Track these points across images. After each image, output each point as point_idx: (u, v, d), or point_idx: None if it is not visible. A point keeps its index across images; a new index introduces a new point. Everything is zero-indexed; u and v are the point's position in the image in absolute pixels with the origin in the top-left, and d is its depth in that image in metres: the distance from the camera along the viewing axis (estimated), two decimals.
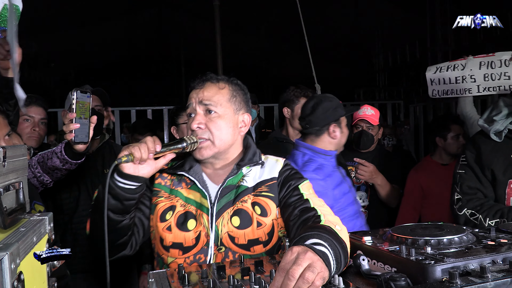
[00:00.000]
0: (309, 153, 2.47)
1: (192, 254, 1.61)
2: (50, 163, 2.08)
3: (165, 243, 1.64)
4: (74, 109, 1.78)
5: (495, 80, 3.65)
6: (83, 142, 1.87)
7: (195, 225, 1.63)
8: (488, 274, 1.03)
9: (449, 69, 3.92)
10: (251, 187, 1.68)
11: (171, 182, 1.72)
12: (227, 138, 1.67)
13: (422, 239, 1.32)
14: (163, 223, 1.65)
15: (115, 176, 1.49)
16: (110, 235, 1.45)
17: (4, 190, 1.01)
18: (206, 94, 1.66)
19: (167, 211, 1.66)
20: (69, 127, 1.82)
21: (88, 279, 2.64)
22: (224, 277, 1.25)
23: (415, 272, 1.14)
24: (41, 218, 1.12)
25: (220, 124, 1.65)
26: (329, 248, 1.17)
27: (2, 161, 1.04)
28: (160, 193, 1.71)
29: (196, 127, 1.64)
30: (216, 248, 1.61)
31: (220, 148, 1.66)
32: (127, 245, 1.64)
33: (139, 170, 1.50)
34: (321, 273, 1.07)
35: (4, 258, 0.81)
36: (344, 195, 2.44)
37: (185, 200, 1.68)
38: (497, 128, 2.24)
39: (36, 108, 2.84)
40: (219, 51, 5.05)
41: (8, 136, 1.87)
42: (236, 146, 1.74)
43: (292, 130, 3.43)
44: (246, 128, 1.76)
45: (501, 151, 2.21)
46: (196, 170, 1.70)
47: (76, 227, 2.66)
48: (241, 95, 1.75)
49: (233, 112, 1.70)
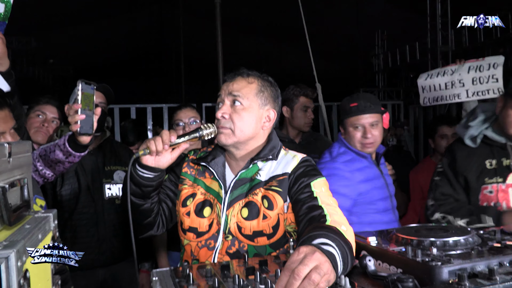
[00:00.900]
0: (344, 148, 2.55)
1: (204, 239, 1.73)
2: (53, 156, 2.07)
3: (184, 226, 1.78)
4: (79, 100, 1.78)
5: (483, 83, 3.56)
6: (87, 133, 1.88)
7: (210, 213, 1.75)
8: (497, 276, 1.03)
9: (439, 75, 3.82)
10: (263, 181, 1.74)
11: (196, 171, 1.86)
12: (248, 130, 1.73)
13: (427, 240, 1.31)
14: (184, 208, 1.79)
15: (136, 166, 1.66)
16: (134, 215, 1.67)
17: (9, 186, 1.00)
18: (236, 87, 1.75)
19: (188, 198, 1.80)
20: (75, 118, 1.82)
21: (87, 276, 2.63)
22: (229, 276, 1.24)
23: (421, 273, 1.13)
24: (46, 215, 1.11)
25: (243, 116, 1.72)
26: (336, 249, 1.16)
27: (8, 157, 1.03)
28: (185, 181, 1.85)
29: (220, 116, 1.73)
30: (224, 236, 1.70)
31: (240, 138, 1.73)
32: (153, 226, 1.82)
33: (156, 161, 1.65)
34: (327, 275, 1.06)
35: (11, 255, 0.80)
36: (375, 189, 2.47)
37: (206, 189, 1.80)
38: (471, 134, 2.25)
39: (51, 107, 2.88)
40: (220, 50, 5.03)
41: (13, 130, 1.86)
42: (257, 139, 1.79)
43: (292, 129, 3.42)
44: (270, 124, 1.81)
45: (476, 157, 2.23)
46: (217, 162, 1.81)
47: (75, 224, 2.65)
48: (270, 91, 1.81)
49: (259, 106, 1.76)
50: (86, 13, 11.31)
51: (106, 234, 2.67)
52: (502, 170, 2.19)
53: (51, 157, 2.08)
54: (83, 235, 2.62)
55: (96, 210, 2.66)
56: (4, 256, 0.80)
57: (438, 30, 9.13)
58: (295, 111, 3.35)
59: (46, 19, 10.19)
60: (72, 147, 1.99)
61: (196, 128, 1.69)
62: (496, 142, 2.21)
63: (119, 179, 2.77)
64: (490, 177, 2.19)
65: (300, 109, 3.34)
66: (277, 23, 11.96)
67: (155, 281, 1.29)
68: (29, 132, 2.70)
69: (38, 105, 2.85)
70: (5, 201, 0.97)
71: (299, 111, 3.34)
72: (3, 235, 0.93)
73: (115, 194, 2.74)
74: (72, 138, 1.97)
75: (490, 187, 2.18)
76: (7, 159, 1.03)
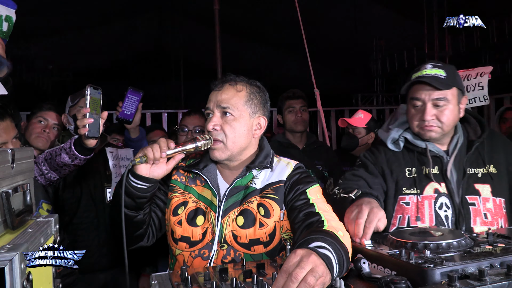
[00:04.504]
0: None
1: (198, 249, 1.69)
2: (59, 159, 2.12)
3: (175, 235, 1.73)
4: (88, 104, 1.83)
5: (470, 91, 3.64)
6: (94, 136, 1.92)
7: (203, 221, 1.71)
8: (487, 277, 1.05)
9: None
10: (258, 189, 1.73)
11: (187, 179, 1.82)
12: (240, 141, 1.73)
13: (421, 243, 1.34)
14: (175, 217, 1.75)
15: (129, 177, 1.61)
16: (126, 228, 1.57)
17: (12, 191, 1.03)
18: (224, 97, 1.72)
19: (180, 206, 1.76)
20: (83, 122, 1.87)
21: (87, 280, 2.65)
22: (227, 280, 1.27)
23: (414, 275, 1.16)
24: (48, 220, 1.14)
25: (234, 127, 1.71)
26: (332, 252, 1.19)
27: (11, 163, 1.06)
28: (175, 188, 1.81)
29: (211, 128, 1.71)
30: (219, 245, 1.67)
31: (233, 151, 1.72)
32: (143, 237, 1.77)
33: (151, 172, 1.61)
34: (322, 278, 1.09)
35: (15, 258, 0.83)
36: None
37: (197, 197, 1.77)
38: (392, 137, 2.09)
39: (52, 113, 2.89)
40: (219, 55, 5.06)
41: (15, 139, 1.90)
42: (250, 148, 1.79)
43: (289, 134, 3.48)
44: (260, 131, 1.81)
45: (396, 164, 2.05)
46: (210, 169, 1.79)
47: (76, 228, 2.67)
48: (259, 97, 1.79)
49: (249, 115, 1.75)
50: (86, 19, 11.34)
51: (107, 238, 2.69)
52: (421, 180, 1.99)
53: (57, 161, 2.13)
54: (84, 239, 2.65)
55: (97, 214, 2.69)
56: (8, 258, 0.83)
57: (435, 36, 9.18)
58: (284, 115, 3.44)
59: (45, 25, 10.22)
60: (78, 150, 2.04)
61: (193, 139, 1.67)
62: (417, 147, 2.04)
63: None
64: (407, 188, 1.99)
65: (288, 111, 3.43)
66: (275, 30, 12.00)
67: (154, 285, 1.31)
68: (30, 138, 2.73)
69: (40, 111, 2.87)
70: (8, 205, 1.00)
71: (286, 113, 3.45)
72: (6, 239, 0.96)
73: None
74: (78, 141, 2.01)
75: (407, 198, 1.98)
76: (10, 165, 1.06)
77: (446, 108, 1.93)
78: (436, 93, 1.92)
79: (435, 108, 1.93)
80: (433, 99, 1.92)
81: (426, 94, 1.93)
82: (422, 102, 1.95)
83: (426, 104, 1.94)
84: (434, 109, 1.93)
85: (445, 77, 1.93)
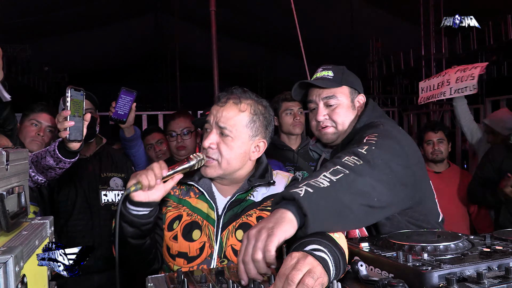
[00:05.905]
0: None
1: (196, 264, 1.63)
2: (44, 162, 2.08)
3: (172, 251, 1.67)
4: (68, 106, 1.79)
5: (463, 81, 4.03)
6: (77, 140, 1.88)
7: (199, 236, 1.65)
8: (485, 280, 1.05)
9: (435, 77, 4.53)
10: (257, 202, 1.70)
11: (180, 191, 1.75)
12: (235, 162, 1.66)
13: (419, 246, 1.33)
14: (170, 232, 1.68)
15: (127, 205, 1.53)
16: (137, 257, 1.57)
17: (7, 193, 1.02)
18: (225, 115, 1.65)
19: (175, 220, 1.69)
20: (64, 125, 1.83)
21: (82, 282, 2.64)
22: (224, 282, 1.26)
23: (412, 278, 1.15)
24: (43, 222, 1.13)
25: (231, 147, 1.64)
26: (328, 254, 1.18)
27: (6, 164, 1.05)
28: (169, 202, 1.74)
29: (207, 146, 1.65)
30: (219, 260, 1.63)
31: (226, 171, 1.66)
32: (155, 260, 1.71)
33: (149, 196, 1.53)
34: (320, 278, 1.08)
35: (9, 261, 0.82)
36: None
37: (191, 209, 1.70)
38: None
39: (46, 115, 2.85)
40: (215, 57, 5.05)
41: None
42: (244, 169, 1.73)
43: (285, 136, 3.47)
44: (258, 154, 1.73)
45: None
46: (205, 181, 1.72)
47: (71, 230, 2.67)
48: (262, 119, 1.71)
49: (248, 138, 1.68)
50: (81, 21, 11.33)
51: (102, 240, 2.68)
52: None
53: (42, 163, 2.09)
54: (79, 241, 2.64)
55: (92, 217, 2.68)
56: (3, 261, 0.82)
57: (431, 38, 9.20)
58: (280, 117, 3.41)
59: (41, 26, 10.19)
60: (62, 153, 2.00)
61: (187, 158, 1.60)
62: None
63: (115, 186, 2.78)
64: None
65: (285, 114, 3.41)
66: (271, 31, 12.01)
67: (150, 287, 1.30)
68: (25, 142, 2.70)
69: (32, 113, 2.83)
70: (3, 208, 0.99)
71: (284, 115, 3.41)
72: (1, 241, 0.95)
73: (111, 200, 2.76)
74: (62, 144, 1.98)
75: None
76: (5, 166, 1.05)
77: (338, 107, 1.96)
78: (325, 92, 1.97)
79: (327, 108, 1.97)
80: (323, 98, 1.97)
81: (316, 95, 1.99)
82: (315, 103, 2.00)
83: (318, 104, 1.98)
84: (326, 109, 1.98)
85: (332, 76, 1.99)
